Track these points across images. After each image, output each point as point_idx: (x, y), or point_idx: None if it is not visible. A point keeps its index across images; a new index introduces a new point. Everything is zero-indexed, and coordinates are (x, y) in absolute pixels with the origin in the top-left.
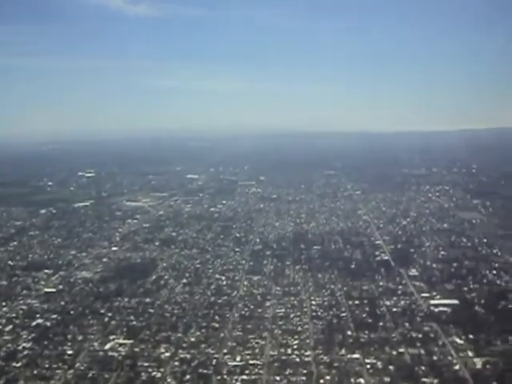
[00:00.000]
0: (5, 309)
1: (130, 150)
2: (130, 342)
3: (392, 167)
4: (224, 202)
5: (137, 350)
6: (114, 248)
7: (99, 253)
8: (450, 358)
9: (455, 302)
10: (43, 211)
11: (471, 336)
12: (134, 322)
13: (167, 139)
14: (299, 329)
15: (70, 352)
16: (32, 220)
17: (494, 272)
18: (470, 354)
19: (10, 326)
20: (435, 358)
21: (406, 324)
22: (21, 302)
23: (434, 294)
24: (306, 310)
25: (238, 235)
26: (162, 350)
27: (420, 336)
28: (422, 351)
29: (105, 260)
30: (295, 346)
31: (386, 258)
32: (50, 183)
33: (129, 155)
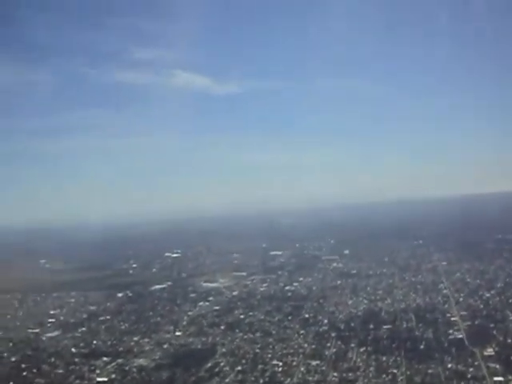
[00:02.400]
0: None
1: (218, 227)
2: None
3: (482, 232)
4: (301, 279)
5: None
6: (177, 333)
7: (162, 338)
8: None
9: None
10: (120, 295)
11: None
12: None
13: (255, 215)
14: None
15: None
16: (106, 304)
17: None
18: None
19: None
20: None
21: None
22: None
23: (510, 378)
24: None
25: (306, 316)
26: None
27: None
28: None
29: (165, 346)
30: None
31: (460, 336)
32: (135, 265)
33: (217, 232)
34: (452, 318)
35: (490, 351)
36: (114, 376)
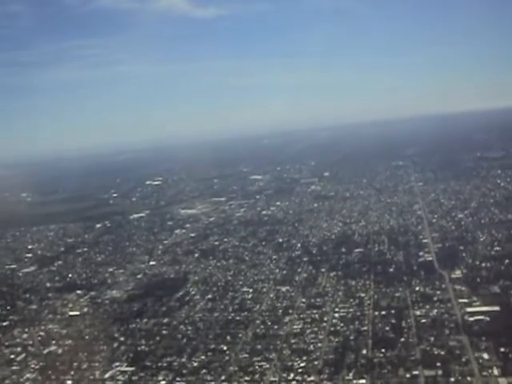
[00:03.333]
0: (24, 335)
1: (202, 154)
2: (132, 369)
3: (464, 151)
4: (278, 203)
5: (135, 378)
6: (152, 262)
7: (136, 268)
8: (469, 378)
9: (496, 308)
10: (98, 225)
11: (502, 350)
12: (143, 347)
13: (241, 139)
14: (311, 348)
15: (69, 383)
16: (84, 236)
17: None
18: (496, 372)
19: (23, 355)
20: (452, 379)
21: (431, 339)
22: (42, 327)
23: (475, 299)
24: (324, 324)
25: (280, 240)
26: (160, 378)
27: (443, 353)
28: (440, 372)
29: (139, 276)
30: (300, 370)
31: (430, 258)
32: (115, 195)
33: (200, 159)
34: (424, 240)
35: (457, 273)
36: (85, 309)
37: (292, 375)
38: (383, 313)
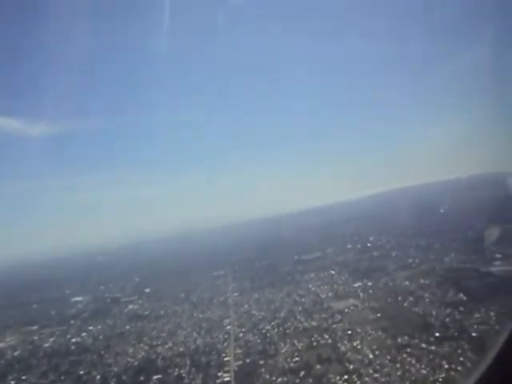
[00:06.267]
0: None
1: (25, 277)
2: None
3: (284, 254)
4: (91, 327)
5: None
6: None
7: None
8: None
9: None
10: None
11: None
12: None
13: (75, 256)
14: None
15: None
16: None
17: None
18: None
19: None
20: None
21: None
22: None
23: None
24: None
25: (81, 373)
26: None
27: None
28: None
29: None
30: None
31: (228, 378)
32: None
33: (22, 283)
34: (225, 359)
35: None
36: None
37: None
38: None
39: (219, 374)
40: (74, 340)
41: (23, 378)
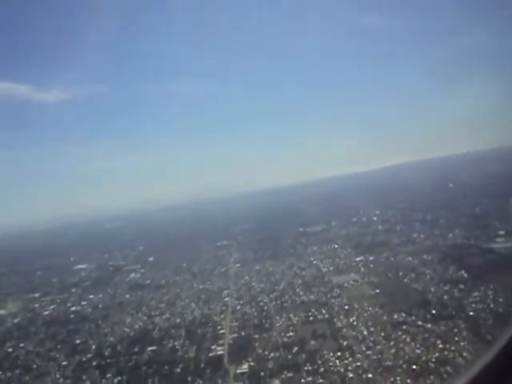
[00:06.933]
0: None
1: (32, 243)
2: None
3: (290, 226)
4: (92, 296)
5: None
6: None
7: None
8: None
9: None
10: None
11: None
12: None
13: (83, 223)
14: None
15: None
16: None
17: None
18: None
19: None
20: None
21: None
22: None
23: None
24: None
25: (77, 342)
26: None
27: None
28: None
29: None
30: None
31: (222, 352)
32: None
33: (29, 249)
34: (221, 331)
35: (244, 368)
36: None
37: None
38: None
39: (213, 347)
40: (73, 308)
41: (21, 345)
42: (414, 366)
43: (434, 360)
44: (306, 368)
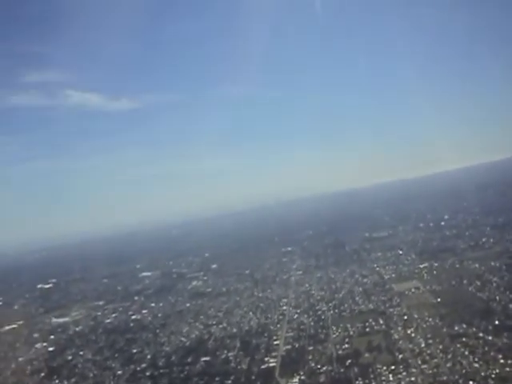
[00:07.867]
0: None
1: (103, 250)
2: None
3: (355, 231)
4: (153, 304)
5: None
6: None
7: None
8: None
9: None
10: None
11: None
12: None
13: (152, 230)
14: None
15: None
16: None
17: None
18: None
19: None
20: None
21: None
22: None
23: None
24: None
25: (134, 351)
26: None
27: None
28: None
29: None
30: None
31: (274, 364)
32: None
33: (99, 256)
34: (275, 342)
35: (294, 381)
36: None
37: None
38: None
39: (266, 359)
40: (134, 317)
41: (80, 353)
42: (471, 382)
43: (493, 376)
44: (357, 382)
